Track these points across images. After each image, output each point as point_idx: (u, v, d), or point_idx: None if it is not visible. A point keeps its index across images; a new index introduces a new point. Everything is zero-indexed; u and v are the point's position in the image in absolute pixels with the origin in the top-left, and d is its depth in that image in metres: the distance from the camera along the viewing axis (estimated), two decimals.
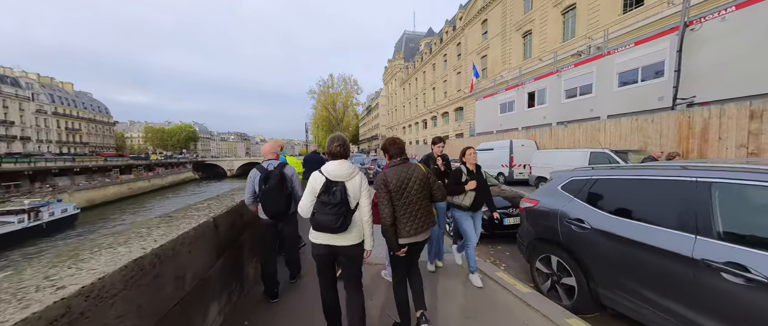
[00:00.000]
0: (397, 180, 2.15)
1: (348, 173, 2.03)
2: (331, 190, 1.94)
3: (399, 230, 2.14)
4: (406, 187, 2.16)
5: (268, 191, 2.80)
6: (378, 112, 69.16)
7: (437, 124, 39.02)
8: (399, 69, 53.05)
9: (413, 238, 2.17)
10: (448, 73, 35.19)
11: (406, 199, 2.15)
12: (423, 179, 2.23)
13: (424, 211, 2.22)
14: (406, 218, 2.14)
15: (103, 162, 45.28)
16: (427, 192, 2.27)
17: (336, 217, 1.90)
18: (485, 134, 19.61)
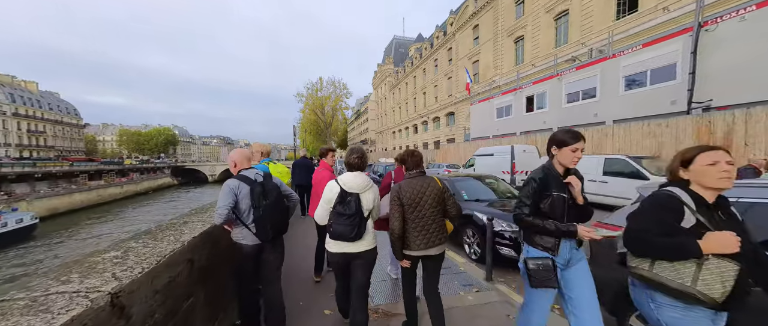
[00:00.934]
0: (411, 193, 2.14)
1: (363, 185, 2.13)
2: (345, 200, 2.05)
3: (409, 242, 2.14)
4: (420, 201, 2.14)
5: (272, 207, 2.23)
6: (367, 116, 68.44)
7: (428, 129, 38.64)
8: (389, 74, 52.70)
9: (424, 251, 2.15)
10: (439, 78, 34.99)
11: (419, 213, 2.13)
12: (438, 193, 2.20)
13: (437, 226, 2.19)
14: (417, 232, 2.13)
15: (69, 167, 41.75)
16: (442, 207, 2.22)
17: (351, 227, 2.02)
18: (481, 138, 19.15)
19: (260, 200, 2.15)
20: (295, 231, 6.25)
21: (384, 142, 56.33)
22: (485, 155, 13.57)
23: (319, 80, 44.88)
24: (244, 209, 2.17)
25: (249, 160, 2.39)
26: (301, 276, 3.67)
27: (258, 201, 2.14)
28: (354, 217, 2.02)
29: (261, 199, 2.16)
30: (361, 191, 2.10)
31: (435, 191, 2.18)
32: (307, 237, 5.55)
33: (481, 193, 5.28)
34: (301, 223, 6.69)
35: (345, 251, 2.09)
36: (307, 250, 4.58)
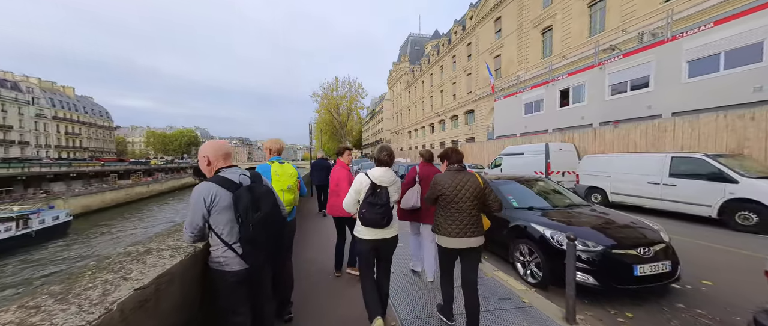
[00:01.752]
0: (450, 185, 2.31)
1: (391, 180, 2.41)
2: (376, 192, 2.28)
3: (443, 230, 2.31)
4: (458, 193, 2.28)
5: (266, 221, 1.64)
6: (382, 116, 67.81)
7: (446, 127, 37.43)
8: (404, 72, 51.78)
9: (458, 240, 2.24)
10: (458, 75, 33.72)
11: (456, 204, 2.27)
12: (476, 188, 2.30)
13: (472, 219, 2.28)
14: (451, 220, 2.27)
15: (101, 167, 44.12)
16: (479, 202, 2.32)
17: (382, 216, 2.25)
18: (506, 137, 17.89)
19: (249, 213, 1.54)
20: (316, 227, 6.11)
21: (399, 141, 55.47)
22: (514, 155, 12.48)
23: (334, 80, 44.68)
24: (224, 224, 1.58)
25: (228, 156, 1.76)
26: (322, 272, 3.81)
27: (246, 214, 1.53)
28: (385, 206, 2.24)
29: (250, 211, 1.54)
30: (390, 184, 2.35)
31: (473, 186, 2.29)
32: (325, 234, 5.42)
33: (533, 200, 4.40)
34: (320, 220, 6.62)
35: (376, 237, 2.30)
36: (326, 247, 4.61)
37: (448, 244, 2.28)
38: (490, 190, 2.37)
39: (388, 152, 2.46)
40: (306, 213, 7.88)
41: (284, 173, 2.64)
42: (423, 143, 44.21)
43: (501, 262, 4.25)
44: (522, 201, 4.31)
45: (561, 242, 3.19)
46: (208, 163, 1.71)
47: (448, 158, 2.48)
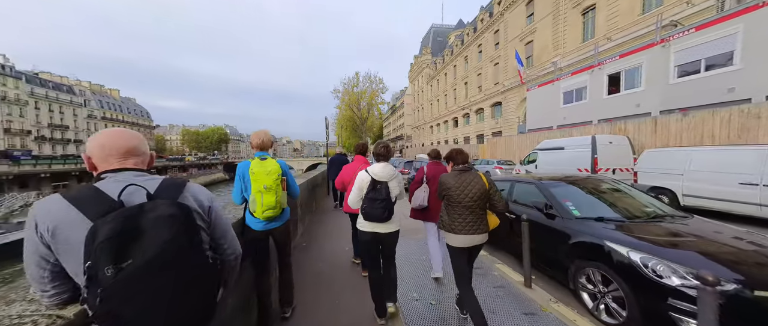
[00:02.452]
0: (456, 185, 2.36)
1: (391, 174, 2.47)
2: (377, 188, 2.39)
3: (454, 228, 2.36)
4: (463, 192, 2.33)
5: (147, 276, 0.80)
6: (403, 111, 66.65)
7: (470, 122, 35.65)
8: (426, 65, 50.15)
9: (469, 236, 2.33)
10: (484, 66, 31.79)
11: (461, 203, 2.33)
12: (481, 189, 2.35)
13: (476, 217, 2.35)
14: (461, 219, 2.34)
15: None
16: (483, 202, 2.37)
17: (383, 210, 2.36)
18: (541, 130, 16.26)
19: (102, 260, 0.77)
20: (335, 221, 6.21)
21: (421, 137, 54.13)
22: (552, 150, 11.11)
23: (355, 75, 44.38)
24: (76, 273, 0.87)
25: (130, 153, 1.02)
26: (336, 262, 4.05)
27: (97, 263, 0.77)
28: (385, 201, 2.37)
29: (103, 257, 0.77)
30: (389, 179, 2.45)
31: (479, 187, 2.35)
32: (343, 226, 5.26)
33: (602, 208, 3.43)
34: (339, 215, 6.60)
35: (376, 231, 2.43)
36: (344, 238, 4.77)
37: (457, 242, 2.36)
38: (495, 190, 2.42)
39: (383, 145, 2.54)
40: (325, 209, 7.61)
41: (262, 171, 2.21)
42: (445, 139, 42.64)
43: (557, 287, 3.35)
44: (586, 209, 3.35)
45: (662, 274, 2.25)
46: (91, 165, 1.02)
47: (453, 159, 2.53)
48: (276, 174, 2.24)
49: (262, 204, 2.18)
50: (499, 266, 3.90)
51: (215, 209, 1.10)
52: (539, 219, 3.54)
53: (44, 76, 50.12)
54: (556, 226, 3.36)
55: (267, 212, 2.20)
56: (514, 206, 4.28)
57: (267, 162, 2.27)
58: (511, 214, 4.18)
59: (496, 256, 4.35)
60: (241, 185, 2.29)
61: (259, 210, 2.19)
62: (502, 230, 4.61)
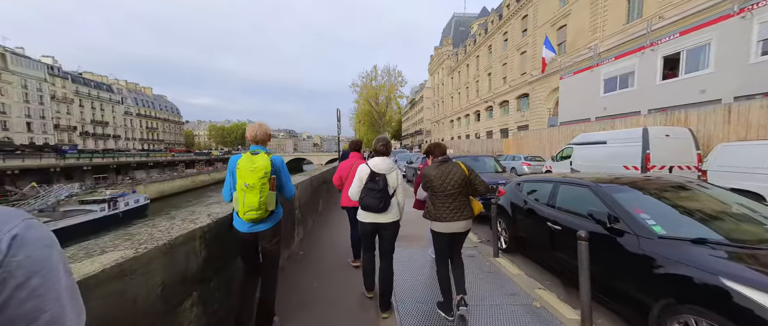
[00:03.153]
0: (437, 175, 2.50)
1: (388, 167, 2.61)
2: (375, 179, 2.51)
3: (439, 215, 2.49)
4: (444, 181, 2.47)
5: None
6: (422, 105, 65.07)
7: (494, 115, 33.76)
8: (447, 56, 48.22)
9: (450, 223, 2.46)
10: (509, 55, 29.73)
11: (444, 191, 2.47)
12: (461, 177, 2.50)
13: (460, 203, 2.49)
14: (445, 207, 2.48)
15: (172, 158, 50.29)
16: (465, 189, 2.52)
17: (379, 200, 2.47)
18: (576, 122, 14.62)
19: None
20: (344, 222, 5.81)
21: (441, 132, 52.50)
22: (591, 144, 9.77)
23: (373, 69, 43.57)
24: None
25: None
26: (342, 280, 3.52)
27: None
28: (382, 192, 2.48)
29: None
30: (387, 172, 2.57)
31: (459, 174, 2.50)
32: (343, 225, 4.67)
33: (696, 225, 2.46)
34: (340, 213, 5.98)
35: (374, 221, 2.56)
36: (344, 237, 4.23)
37: (440, 228, 2.50)
38: (476, 175, 2.58)
39: (383, 142, 2.71)
40: (333, 207, 7.07)
41: (246, 167, 2.02)
42: (467, 133, 40.90)
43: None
44: (671, 225, 2.40)
45: None
46: None
47: (432, 153, 2.71)
48: (262, 171, 2.00)
49: (243, 204, 2.00)
50: (541, 292, 3.04)
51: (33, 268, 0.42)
52: (598, 233, 2.64)
53: (87, 75, 54.08)
54: (627, 246, 2.45)
55: (249, 213, 2.00)
56: (557, 214, 3.38)
57: (256, 157, 2.06)
58: (555, 225, 3.29)
59: (536, 276, 3.48)
60: (231, 181, 2.14)
61: (241, 210, 2.02)
62: (540, 241, 3.81)
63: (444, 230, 2.47)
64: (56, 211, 22.14)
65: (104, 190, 31.69)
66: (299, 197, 4.44)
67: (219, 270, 2.05)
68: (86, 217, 21.28)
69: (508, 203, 4.55)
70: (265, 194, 2.01)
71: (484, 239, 5.25)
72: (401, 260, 3.63)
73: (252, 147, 2.19)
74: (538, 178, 4.34)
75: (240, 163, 2.03)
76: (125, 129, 58.28)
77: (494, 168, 8.11)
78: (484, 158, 8.74)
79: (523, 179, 4.64)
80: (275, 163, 2.14)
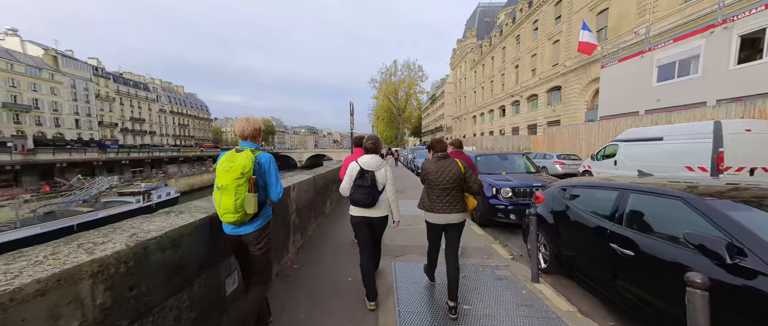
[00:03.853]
0: (435, 170, 2.66)
1: (377, 165, 2.70)
2: (364, 176, 2.61)
3: (433, 207, 2.65)
4: (440, 176, 2.63)
5: None
6: (443, 100, 63.16)
7: (520, 110, 31.66)
8: (470, 49, 46.09)
9: (446, 216, 2.61)
10: (540, 45, 27.54)
11: (440, 185, 2.62)
12: (457, 173, 2.63)
13: (454, 197, 2.63)
14: (439, 200, 2.63)
15: (199, 153, 52.84)
16: (460, 184, 2.65)
17: (366, 196, 2.57)
18: (621, 116, 12.89)
19: None
20: (344, 226, 5.25)
21: (462, 128, 50.59)
22: (642, 141, 8.40)
23: (393, 63, 42.59)
24: None
25: None
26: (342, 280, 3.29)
27: None
28: (370, 188, 2.58)
29: None
30: (376, 169, 2.66)
31: (454, 171, 2.63)
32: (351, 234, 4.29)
33: None
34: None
35: (364, 215, 2.69)
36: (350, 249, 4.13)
37: (434, 220, 2.66)
38: (471, 173, 2.69)
39: (373, 140, 2.80)
40: (342, 211, 6.42)
41: (221, 167, 1.86)
42: (490, 129, 38.91)
43: None
44: None
45: None
46: None
47: (434, 148, 2.83)
48: (237, 172, 1.83)
49: (219, 206, 1.89)
50: None
51: None
52: (706, 270, 1.73)
53: (127, 75, 58.07)
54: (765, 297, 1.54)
55: (226, 216, 1.87)
56: (627, 233, 2.47)
57: (238, 156, 1.90)
58: (623, 249, 2.39)
59: (596, 315, 2.59)
60: None
61: (219, 212, 1.92)
62: (598, 266, 2.85)
63: (436, 221, 2.65)
64: (98, 201, 23.75)
65: (140, 183, 33.83)
66: (297, 199, 3.83)
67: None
68: (123, 208, 22.59)
69: (550, 213, 3.65)
70: (241, 197, 1.83)
71: (517, 254, 4.37)
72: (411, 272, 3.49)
73: (241, 143, 2.05)
74: (595, 182, 3.39)
75: (219, 161, 1.92)
76: (160, 126, 62.08)
77: (526, 168, 7.07)
78: (514, 156, 7.66)
79: (572, 183, 3.69)
80: (260, 162, 1.96)
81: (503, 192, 5.66)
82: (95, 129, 47.65)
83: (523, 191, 5.57)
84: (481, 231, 5.26)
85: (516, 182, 5.76)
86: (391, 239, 4.42)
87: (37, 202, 24.12)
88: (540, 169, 7.45)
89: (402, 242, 4.45)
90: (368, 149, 2.76)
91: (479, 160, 7.10)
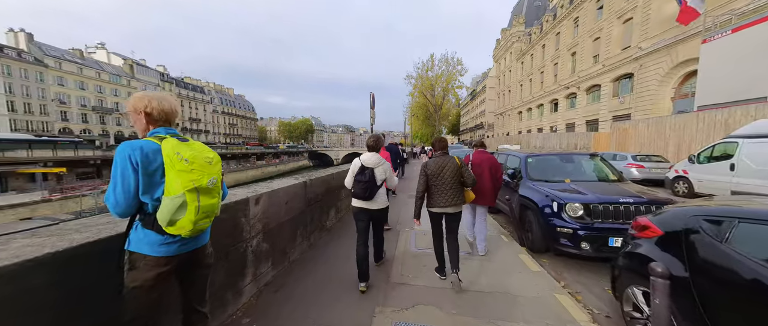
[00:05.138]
0: (435, 167, 3.03)
1: (376, 162, 2.98)
2: (363, 172, 2.91)
3: (434, 201, 3.03)
4: (441, 172, 3.01)
5: None
6: (485, 96, 58.89)
7: (577, 103, 27.49)
8: (517, 38, 41.81)
9: (444, 209, 3.01)
10: (605, 26, 23.34)
11: (441, 180, 3.00)
12: (455, 168, 3.02)
13: (454, 192, 3.00)
14: (439, 194, 3.00)
15: (245, 150, 56.69)
16: (458, 178, 3.03)
17: (364, 190, 2.86)
18: (737, 103, 9.60)
19: None
20: (339, 250, 4.45)
21: (505, 125, 46.41)
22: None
23: (430, 58, 40.27)
24: None
25: None
26: None
27: None
28: (368, 183, 2.86)
29: None
30: (375, 166, 2.95)
31: (452, 166, 3.02)
32: None
33: None
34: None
35: (363, 207, 2.97)
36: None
37: (435, 210, 3.05)
38: (466, 168, 3.08)
39: (374, 138, 3.13)
40: (343, 232, 5.19)
41: (201, 158, 1.43)
42: (539, 126, 34.77)
43: None
44: None
45: None
46: None
47: (434, 146, 3.21)
48: (219, 165, 1.55)
49: (197, 211, 1.38)
50: None
51: None
52: None
53: (186, 80, 64.85)
54: None
55: (203, 222, 1.43)
56: None
57: (195, 144, 1.50)
58: None
59: None
60: (142, 182, 1.35)
61: (187, 222, 1.36)
62: None
63: (437, 211, 3.06)
64: None
65: None
66: (265, 215, 2.72)
67: None
68: None
69: (682, 265, 1.98)
70: (218, 197, 1.53)
71: (601, 313, 2.73)
72: None
73: (161, 130, 1.46)
74: None
75: (183, 152, 1.37)
76: (213, 125, 68.28)
77: (601, 174, 5.09)
78: (580, 157, 5.62)
79: (725, 209, 1.98)
80: None
81: (570, 210, 3.92)
82: None
83: (604, 210, 3.77)
84: (537, 266, 3.66)
85: (591, 196, 3.95)
86: None
87: None
88: (624, 176, 5.36)
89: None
90: (370, 146, 3.08)
91: (530, 162, 5.35)
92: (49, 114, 38.92)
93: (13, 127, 35.20)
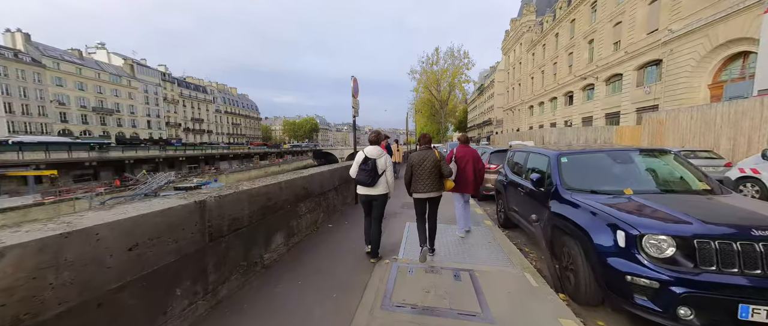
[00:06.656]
0: (417, 159, 3.54)
1: (377, 154, 3.49)
2: (366, 162, 3.43)
3: (417, 188, 3.55)
4: (422, 163, 3.51)
5: None
6: (492, 90, 56.54)
7: (595, 95, 25.30)
8: (527, 28, 39.49)
9: (425, 194, 3.52)
10: (627, 9, 21.12)
11: (422, 170, 3.51)
12: (434, 160, 3.50)
13: (433, 180, 3.51)
14: (421, 182, 3.52)
15: (248, 150, 55.95)
16: (437, 169, 3.51)
17: (367, 177, 3.40)
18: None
19: None
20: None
21: (515, 121, 44.19)
22: None
23: (434, 52, 38.37)
24: None
25: None
26: None
27: None
28: (370, 172, 3.40)
29: None
30: (377, 157, 3.46)
31: (432, 159, 3.50)
32: None
33: None
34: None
35: (366, 193, 3.51)
36: None
37: (418, 196, 3.56)
38: (444, 161, 3.59)
39: (375, 133, 3.66)
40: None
41: None
42: (551, 121, 32.62)
43: None
44: None
45: None
46: None
47: (419, 141, 3.83)
48: None
49: None
50: None
51: None
52: None
53: (189, 80, 64.43)
54: None
55: None
56: None
57: None
58: None
59: None
60: None
61: None
62: None
63: (420, 197, 3.56)
64: (157, 195, 25.54)
65: (193, 178, 36.25)
66: None
67: None
68: None
69: None
70: None
71: None
72: None
73: None
74: None
75: None
76: (216, 125, 67.83)
77: (679, 182, 3.37)
78: (633, 155, 3.72)
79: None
80: None
81: (652, 248, 2.29)
82: (163, 129, 53.51)
83: (724, 250, 2.13)
84: None
85: (695, 224, 2.31)
86: None
87: (108, 195, 26.87)
88: (721, 182, 3.50)
89: None
90: (372, 141, 3.62)
91: (565, 163, 3.67)
92: (47, 115, 38.68)
93: (11, 129, 35.00)
